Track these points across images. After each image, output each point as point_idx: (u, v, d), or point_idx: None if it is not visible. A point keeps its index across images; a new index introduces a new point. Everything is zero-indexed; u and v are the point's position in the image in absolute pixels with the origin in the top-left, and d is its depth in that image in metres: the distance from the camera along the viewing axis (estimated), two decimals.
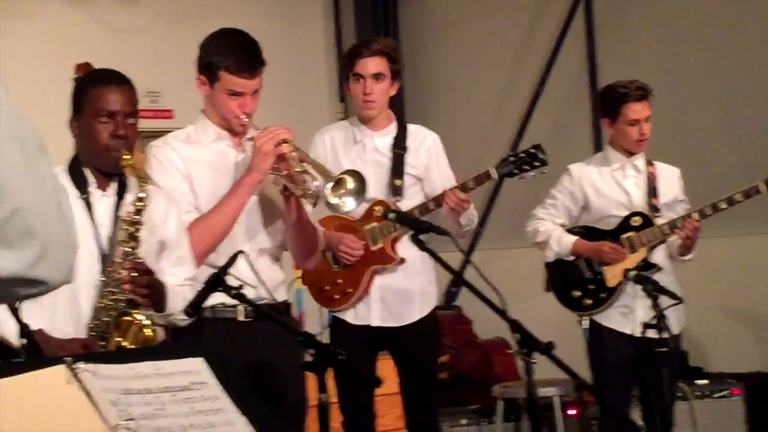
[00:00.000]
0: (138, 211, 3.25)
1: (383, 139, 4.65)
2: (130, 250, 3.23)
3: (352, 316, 4.61)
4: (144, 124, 3.48)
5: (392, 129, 4.68)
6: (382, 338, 4.62)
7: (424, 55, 8.24)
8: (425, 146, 4.69)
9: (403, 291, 4.60)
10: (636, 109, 4.87)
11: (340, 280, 4.61)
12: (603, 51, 7.73)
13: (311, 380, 3.29)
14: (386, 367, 4.78)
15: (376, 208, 4.50)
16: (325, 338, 4.66)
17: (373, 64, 4.53)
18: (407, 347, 4.62)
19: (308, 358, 3.25)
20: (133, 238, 3.24)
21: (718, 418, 6.06)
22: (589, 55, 7.80)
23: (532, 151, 4.50)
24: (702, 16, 7.25)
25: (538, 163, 4.50)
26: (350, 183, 3.62)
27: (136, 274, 3.20)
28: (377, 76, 4.53)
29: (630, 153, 4.98)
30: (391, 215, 3.87)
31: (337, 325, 4.66)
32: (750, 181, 4.94)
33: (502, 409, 6.09)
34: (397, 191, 4.58)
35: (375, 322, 4.58)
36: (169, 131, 4.06)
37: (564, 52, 7.92)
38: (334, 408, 4.61)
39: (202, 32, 4.00)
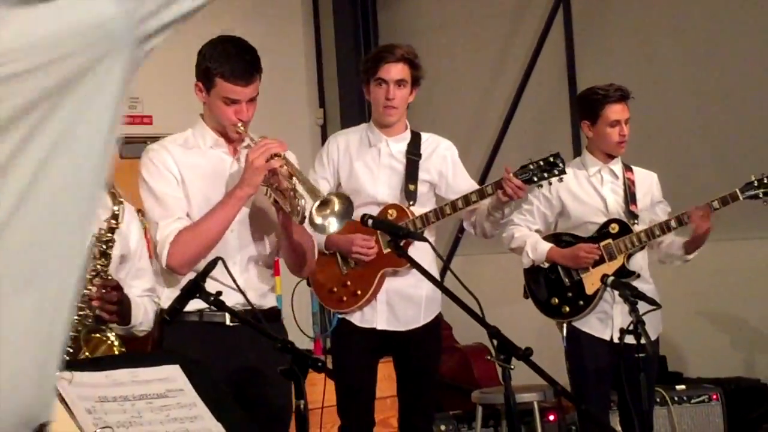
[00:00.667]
0: (111, 229, 3.25)
1: (398, 144, 4.69)
2: (101, 267, 3.23)
3: (358, 318, 4.62)
4: (122, 130, 3.46)
5: (407, 135, 4.72)
6: (387, 342, 4.64)
7: None
8: (440, 154, 4.74)
9: (409, 296, 4.62)
10: (616, 110, 4.88)
11: (349, 282, 4.62)
12: (581, 57, 7.76)
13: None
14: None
15: (390, 211, 4.54)
16: (305, 344, 4.65)
17: (396, 70, 4.57)
18: (410, 351, 4.64)
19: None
20: (105, 254, 3.24)
21: (696, 424, 6.08)
22: (568, 61, 7.82)
23: (551, 159, 4.57)
24: (679, 21, 7.27)
25: (556, 171, 4.56)
26: (337, 205, 3.62)
27: (105, 291, 3.20)
28: (400, 82, 4.58)
29: (608, 157, 4.98)
30: (369, 221, 3.87)
31: (342, 328, 4.65)
32: (727, 184, 4.95)
33: (480, 415, 6.10)
34: (410, 196, 4.61)
35: (381, 326, 4.60)
36: (148, 137, 4.06)
37: (543, 57, 7.94)
38: (330, 412, 4.61)
39: (182, 39, 3.96)
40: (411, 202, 4.60)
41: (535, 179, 4.54)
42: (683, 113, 7.21)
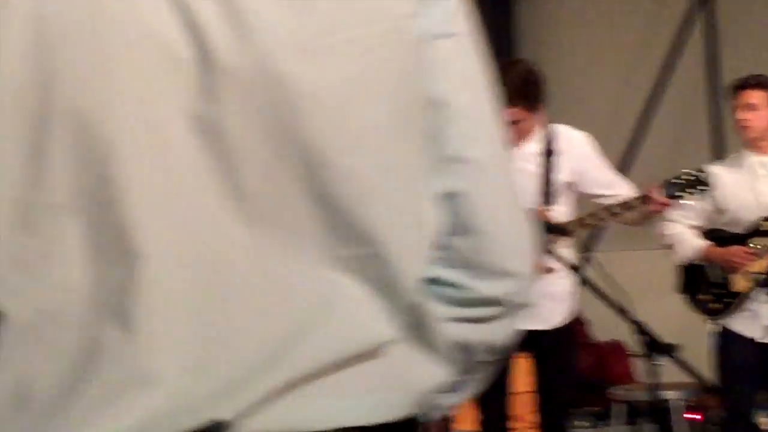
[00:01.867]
0: None
1: (529, 145, 4.58)
2: None
3: None
4: None
5: (536, 136, 4.60)
6: (527, 339, 4.65)
7: (539, 56, 8.22)
8: (576, 150, 4.64)
9: (550, 293, 4.56)
10: (738, 97, 4.83)
11: None
12: (726, 54, 7.61)
13: None
14: None
15: None
16: None
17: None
18: (550, 348, 4.62)
19: None
20: None
21: None
22: (708, 58, 7.68)
23: (697, 174, 4.55)
24: None
25: (702, 187, 4.56)
26: None
27: None
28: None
29: (759, 150, 4.87)
30: None
31: None
32: None
33: (623, 412, 6.06)
34: (548, 199, 4.56)
35: (523, 326, 4.59)
36: None
37: (683, 53, 7.81)
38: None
39: None
40: (549, 206, 4.53)
41: (680, 194, 4.53)
42: None
